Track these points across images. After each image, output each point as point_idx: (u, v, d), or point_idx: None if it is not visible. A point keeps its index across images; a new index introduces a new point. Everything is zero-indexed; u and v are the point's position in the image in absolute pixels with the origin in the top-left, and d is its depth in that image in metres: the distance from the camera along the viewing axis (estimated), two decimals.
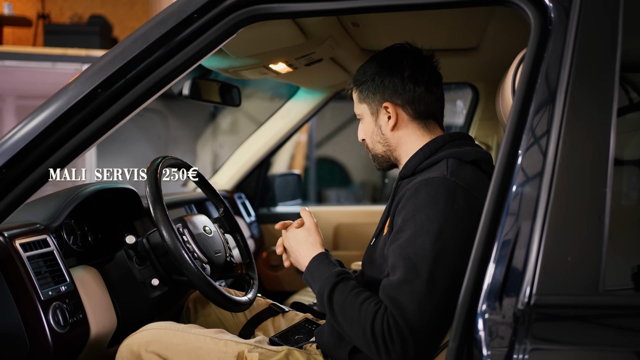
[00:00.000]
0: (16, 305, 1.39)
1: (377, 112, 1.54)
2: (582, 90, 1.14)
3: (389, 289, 1.29)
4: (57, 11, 5.28)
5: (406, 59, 1.51)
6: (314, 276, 1.43)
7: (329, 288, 1.36)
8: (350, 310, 1.32)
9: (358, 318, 1.30)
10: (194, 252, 1.72)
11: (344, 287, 1.36)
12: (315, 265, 1.45)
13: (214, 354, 1.47)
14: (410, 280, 1.26)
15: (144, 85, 1.36)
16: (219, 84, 2.42)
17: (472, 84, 3.07)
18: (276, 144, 3.16)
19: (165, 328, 1.53)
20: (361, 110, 1.57)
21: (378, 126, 1.54)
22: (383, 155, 1.57)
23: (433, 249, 1.27)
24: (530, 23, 1.21)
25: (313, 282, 1.43)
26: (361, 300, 1.32)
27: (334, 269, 1.41)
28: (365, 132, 1.58)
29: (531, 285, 1.07)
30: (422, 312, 1.24)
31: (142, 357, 1.47)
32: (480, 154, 1.46)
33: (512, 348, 1.07)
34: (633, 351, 1.08)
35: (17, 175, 1.33)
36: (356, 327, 1.30)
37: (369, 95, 1.54)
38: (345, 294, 1.35)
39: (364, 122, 1.58)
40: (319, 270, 1.43)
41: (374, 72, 1.53)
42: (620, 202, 1.57)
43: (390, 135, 1.53)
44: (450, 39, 2.32)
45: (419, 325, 1.24)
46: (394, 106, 1.51)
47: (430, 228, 1.29)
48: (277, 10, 1.34)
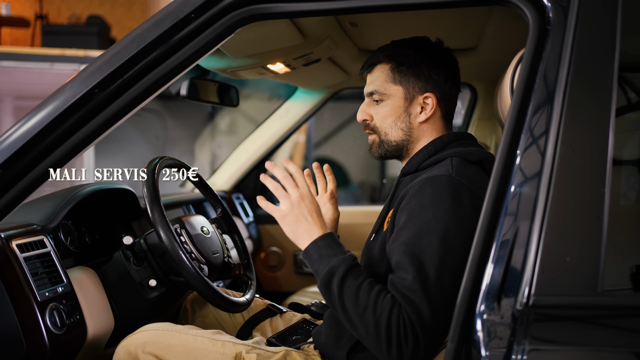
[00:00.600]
0: (13, 306, 1.38)
1: (412, 99, 1.50)
2: (581, 90, 1.14)
3: (401, 287, 1.26)
4: (55, 11, 5.27)
5: (447, 57, 1.54)
6: (322, 253, 1.33)
7: (344, 269, 1.29)
8: (365, 298, 1.26)
9: (374, 307, 1.25)
10: (192, 253, 1.71)
11: (359, 273, 1.30)
12: (325, 242, 1.34)
13: (211, 355, 1.47)
14: (420, 279, 1.25)
15: (142, 86, 1.36)
16: (216, 84, 2.42)
17: (471, 84, 3.07)
18: (274, 144, 3.16)
19: (163, 329, 1.52)
20: (392, 90, 1.50)
21: (408, 113, 1.50)
22: (398, 143, 1.51)
23: (440, 249, 1.27)
24: (529, 23, 1.21)
25: (320, 258, 1.33)
26: (377, 290, 1.27)
27: (349, 252, 1.34)
28: (386, 115, 1.50)
29: (530, 286, 1.07)
30: (433, 312, 1.23)
31: (139, 358, 1.47)
32: (485, 154, 1.46)
33: (511, 349, 1.06)
34: (632, 351, 1.08)
35: (14, 175, 1.33)
36: (369, 316, 1.25)
37: (409, 79, 1.49)
38: (359, 280, 1.29)
39: (387, 103, 1.50)
40: (330, 248, 1.33)
41: (419, 58, 1.50)
42: (619, 202, 1.57)
43: (416, 127, 1.51)
44: (449, 39, 2.30)
45: (431, 325, 1.23)
46: (436, 99, 1.50)
47: (437, 227, 1.28)
48: (274, 10, 1.34)
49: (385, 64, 1.51)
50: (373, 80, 1.52)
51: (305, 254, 1.36)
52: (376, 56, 1.53)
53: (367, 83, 1.55)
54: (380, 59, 1.52)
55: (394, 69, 1.50)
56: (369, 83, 1.54)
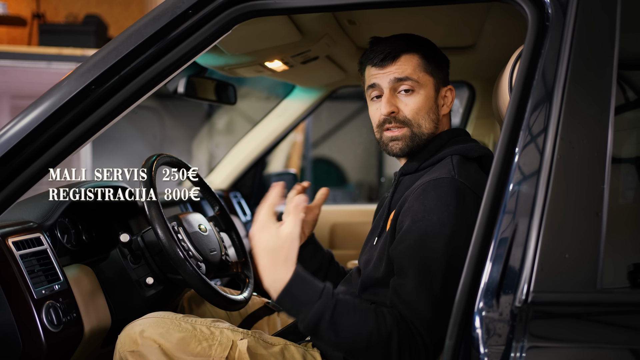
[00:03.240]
0: (9, 304, 1.37)
1: (439, 90, 1.50)
2: (580, 87, 1.13)
3: (405, 295, 1.25)
4: (52, 10, 5.25)
5: (444, 55, 1.55)
6: (300, 299, 1.18)
7: (331, 310, 1.18)
8: (365, 328, 1.19)
9: (378, 334, 1.19)
10: (189, 251, 1.71)
11: (345, 305, 1.20)
12: (298, 285, 1.18)
13: (205, 342, 1.46)
14: (426, 285, 1.24)
15: (138, 82, 1.35)
16: (214, 82, 2.42)
17: (469, 82, 3.07)
18: (272, 142, 3.15)
19: (163, 317, 1.52)
20: (425, 80, 1.46)
21: (437, 104, 1.50)
22: (428, 135, 1.47)
23: (446, 253, 1.26)
24: (528, 20, 1.21)
25: (299, 305, 1.18)
26: (374, 318, 1.21)
27: (320, 285, 1.20)
28: (421, 106, 1.45)
29: (528, 283, 1.07)
30: (438, 316, 1.23)
31: (138, 342, 1.46)
32: (483, 150, 1.46)
33: (510, 346, 1.06)
34: (630, 348, 1.07)
35: (9, 172, 1.32)
36: (376, 344, 1.18)
37: (437, 70, 1.49)
38: (350, 312, 1.20)
39: (420, 94, 1.45)
40: (305, 292, 1.18)
41: (436, 52, 1.51)
42: (618, 200, 1.57)
43: (441, 118, 1.51)
44: (447, 36, 2.31)
45: (437, 330, 1.22)
46: (453, 92, 1.52)
47: (443, 231, 1.27)
48: (272, 7, 1.33)
49: (412, 54, 1.45)
50: (401, 69, 1.44)
51: (279, 303, 1.20)
52: (395, 46, 1.45)
53: (389, 71, 1.45)
54: (404, 48, 1.45)
55: (424, 58, 1.46)
56: (394, 71, 1.44)
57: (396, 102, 1.46)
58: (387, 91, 1.46)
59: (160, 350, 1.44)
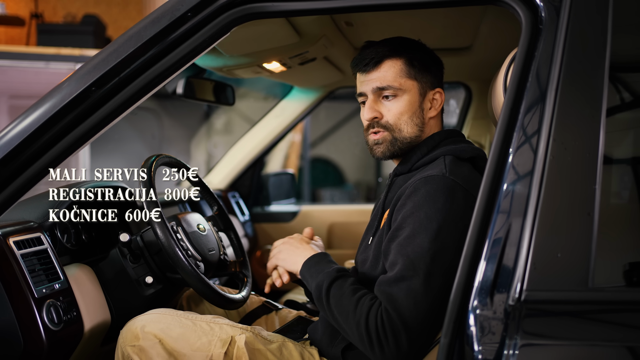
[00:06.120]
0: (10, 303, 1.39)
1: (425, 94, 1.51)
2: (572, 89, 1.15)
3: (385, 285, 1.30)
4: (50, 10, 5.26)
5: (436, 57, 1.56)
6: (312, 271, 1.44)
7: (328, 282, 1.38)
8: (347, 304, 1.33)
9: (354, 312, 1.31)
10: (188, 250, 1.72)
11: (342, 283, 1.37)
12: (315, 260, 1.46)
13: (205, 338, 1.48)
14: (407, 277, 1.27)
15: (138, 84, 1.37)
16: (213, 83, 2.43)
17: (465, 83, 3.09)
18: (270, 143, 3.16)
19: (164, 313, 1.55)
20: (408, 85, 1.48)
21: (422, 108, 1.50)
22: (412, 140, 1.49)
23: (431, 247, 1.28)
24: (521, 22, 1.22)
25: (310, 276, 1.44)
26: (358, 296, 1.33)
27: (334, 266, 1.43)
28: (403, 111, 1.47)
29: (522, 282, 1.09)
30: (417, 309, 1.25)
31: (139, 336, 1.49)
32: (476, 151, 1.47)
33: (503, 343, 1.08)
34: (622, 345, 1.09)
35: (11, 173, 1.34)
36: (351, 322, 1.31)
37: (422, 74, 1.50)
38: (343, 289, 1.36)
39: (402, 99, 1.48)
40: (318, 266, 1.44)
41: (423, 54, 1.52)
42: (610, 200, 1.59)
43: (427, 122, 1.51)
44: (443, 38, 2.33)
45: (414, 323, 1.25)
46: (442, 95, 1.53)
47: (429, 226, 1.30)
48: (270, 9, 1.35)
49: (395, 59, 1.48)
50: (383, 76, 1.47)
51: (301, 276, 1.48)
52: (379, 51, 1.48)
53: (372, 79, 1.49)
54: (387, 54, 1.48)
55: (407, 63, 1.48)
56: (376, 79, 1.48)
57: (379, 107, 1.50)
58: (370, 97, 1.50)
59: (161, 345, 1.47)
